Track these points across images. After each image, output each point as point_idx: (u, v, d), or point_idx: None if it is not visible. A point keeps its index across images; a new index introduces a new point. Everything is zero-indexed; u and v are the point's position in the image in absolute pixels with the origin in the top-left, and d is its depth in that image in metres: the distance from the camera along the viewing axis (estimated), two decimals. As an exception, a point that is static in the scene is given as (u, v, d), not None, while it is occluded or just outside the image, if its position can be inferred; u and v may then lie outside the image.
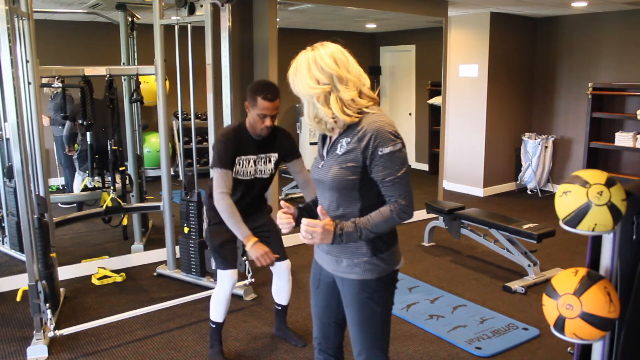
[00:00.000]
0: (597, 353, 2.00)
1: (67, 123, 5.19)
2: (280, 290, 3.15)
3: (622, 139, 6.11)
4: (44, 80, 4.33)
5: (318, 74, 1.72)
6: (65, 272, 3.99)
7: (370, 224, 1.73)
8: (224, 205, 2.62)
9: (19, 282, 3.74)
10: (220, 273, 2.91)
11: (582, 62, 6.68)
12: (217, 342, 2.99)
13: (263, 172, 2.86)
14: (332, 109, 1.73)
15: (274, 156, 2.85)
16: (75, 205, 5.33)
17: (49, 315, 3.05)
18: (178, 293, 3.83)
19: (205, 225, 3.03)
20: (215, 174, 2.67)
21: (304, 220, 1.74)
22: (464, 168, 7.10)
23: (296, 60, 1.78)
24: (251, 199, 2.89)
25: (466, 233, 4.56)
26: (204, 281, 3.97)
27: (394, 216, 1.73)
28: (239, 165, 2.75)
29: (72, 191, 5.67)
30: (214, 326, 2.98)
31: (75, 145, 5.30)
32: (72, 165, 5.56)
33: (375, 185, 1.76)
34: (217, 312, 2.95)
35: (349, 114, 1.73)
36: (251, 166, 2.79)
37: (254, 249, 2.52)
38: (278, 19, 4.72)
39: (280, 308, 3.22)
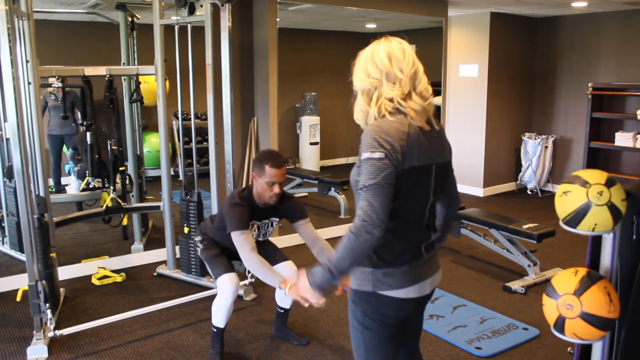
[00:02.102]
0: (597, 353, 2.00)
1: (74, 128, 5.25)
2: (285, 295, 3.14)
3: (622, 139, 6.11)
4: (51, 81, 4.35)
5: (371, 67, 1.68)
6: (65, 272, 3.99)
7: (333, 256, 1.59)
8: (254, 261, 2.64)
9: (19, 282, 3.74)
10: (219, 281, 2.90)
11: (582, 62, 6.68)
12: (218, 344, 2.99)
13: (266, 235, 3.00)
14: (371, 106, 1.67)
15: (275, 220, 2.96)
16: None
17: (49, 315, 3.05)
18: (178, 293, 3.83)
19: (199, 250, 3.11)
20: (237, 236, 2.69)
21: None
22: (464, 168, 7.09)
23: (361, 52, 1.74)
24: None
25: (466, 233, 4.56)
26: (204, 281, 3.97)
27: (349, 233, 1.54)
28: (255, 226, 2.87)
29: (59, 182, 5.84)
30: (215, 330, 2.98)
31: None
32: (57, 163, 5.76)
33: None
34: (218, 319, 2.95)
35: (376, 114, 1.66)
36: (255, 231, 2.89)
37: (292, 290, 2.49)
38: (278, 19, 4.72)
39: (282, 311, 3.22)
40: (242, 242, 2.67)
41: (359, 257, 1.58)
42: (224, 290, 2.88)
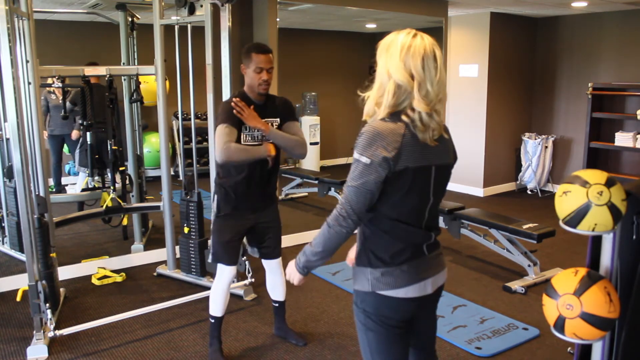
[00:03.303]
0: (597, 353, 2.01)
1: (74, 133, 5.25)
2: (275, 286, 3.15)
3: (622, 139, 6.12)
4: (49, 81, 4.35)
5: (412, 64, 1.58)
6: (65, 272, 3.99)
7: (313, 240, 1.70)
8: (232, 149, 2.61)
9: (19, 282, 3.74)
10: (220, 267, 2.92)
11: (582, 62, 6.68)
12: (217, 340, 2.99)
13: (264, 137, 2.81)
14: (394, 108, 1.61)
15: (276, 122, 2.86)
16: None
17: (49, 315, 3.05)
18: (178, 293, 3.83)
19: (212, 216, 2.95)
20: (219, 130, 2.65)
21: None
22: (464, 168, 7.09)
23: (392, 37, 1.63)
24: (264, 174, 2.83)
25: (466, 233, 4.56)
26: (204, 281, 3.97)
27: (325, 223, 1.64)
28: (247, 129, 2.74)
29: (59, 182, 5.86)
30: (213, 321, 2.99)
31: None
32: (57, 163, 5.80)
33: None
34: (216, 306, 2.95)
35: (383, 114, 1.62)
36: (257, 130, 2.77)
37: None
38: (278, 19, 4.72)
39: (277, 305, 3.22)
40: (223, 136, 2.62)
41: (331, 246, 1.66)
42: (222, 274, 2.92)
